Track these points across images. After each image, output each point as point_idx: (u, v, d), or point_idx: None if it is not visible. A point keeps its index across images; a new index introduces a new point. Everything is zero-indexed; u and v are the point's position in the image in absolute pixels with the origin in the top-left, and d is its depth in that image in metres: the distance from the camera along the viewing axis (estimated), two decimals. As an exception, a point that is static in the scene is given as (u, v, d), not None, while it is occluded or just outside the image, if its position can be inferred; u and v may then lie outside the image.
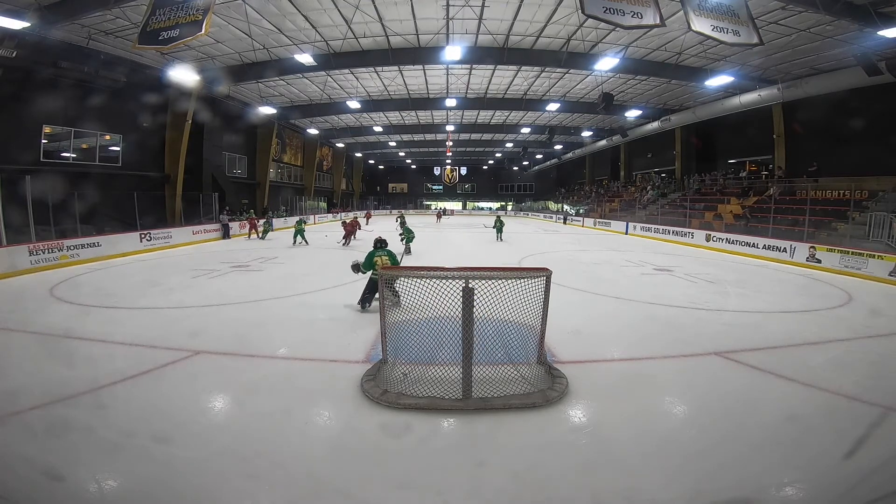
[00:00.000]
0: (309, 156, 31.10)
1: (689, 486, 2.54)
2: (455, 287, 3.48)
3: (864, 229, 11.44)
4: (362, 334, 5.10)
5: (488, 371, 3.70)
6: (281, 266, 10.63)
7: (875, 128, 13.41)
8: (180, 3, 8.36)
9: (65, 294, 7.37)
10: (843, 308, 6.93)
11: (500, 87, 19.68)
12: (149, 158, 16.49)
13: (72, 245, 10.53)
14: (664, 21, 8.47)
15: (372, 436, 3.05)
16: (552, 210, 38.10)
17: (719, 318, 6.16)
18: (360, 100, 20.97)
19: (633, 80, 17.87)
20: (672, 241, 17.50)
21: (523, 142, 33.52)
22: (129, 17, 10.89)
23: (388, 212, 44.83)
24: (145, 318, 5.90)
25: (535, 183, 49.81)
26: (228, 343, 4.83)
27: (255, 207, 24.02)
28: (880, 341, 5.30)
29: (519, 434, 3.07)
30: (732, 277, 9.44)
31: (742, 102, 16.85)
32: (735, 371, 4.25)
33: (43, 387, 3.63)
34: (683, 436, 3.10)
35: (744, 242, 13.61)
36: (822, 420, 3.34)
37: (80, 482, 2.54)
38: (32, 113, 12.45)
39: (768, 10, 10.42)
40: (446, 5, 11.50)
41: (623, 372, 4.28)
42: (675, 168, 24.38)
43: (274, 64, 15.19)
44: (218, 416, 3.45)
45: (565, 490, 2.52)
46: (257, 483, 2.52)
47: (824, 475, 2.67)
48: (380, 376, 3.79)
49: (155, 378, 3.94)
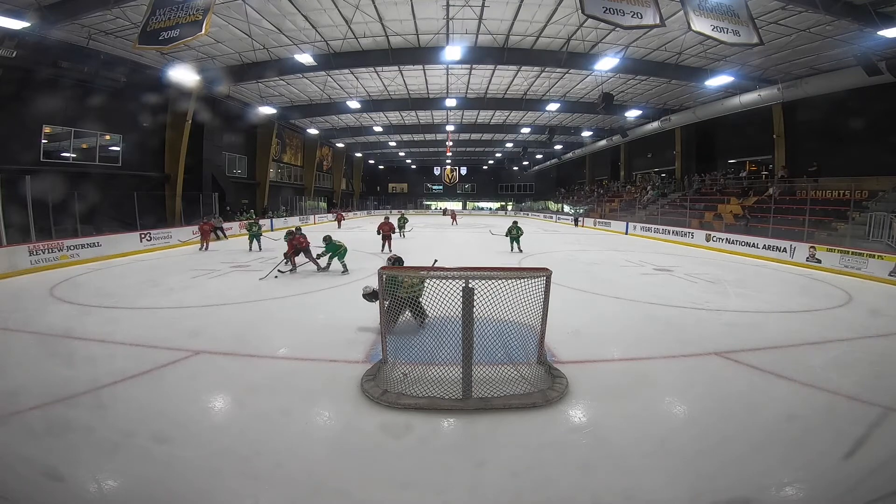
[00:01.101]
0: (309, 156, 31.12)
1: (689, 486, 2.54)
2: (455, 287, 3.48)
3: (864, 229, 11.44)
4: (362, 334, 5.09)
5: (488, 371, 3.70)
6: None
7: (875, 128, 13.41)
8: (180, 3, 8.36)
9: (65, 294, 7.37)
10: (843, 308, 6.93)
11: (500, 87, 19.68)
12: (149, 158, 16.50)
13: (72, 245, 10.54)
14: (664, 21, 8.47)
15: (372, 436, 3.04)
16: (552, 210, 38.09)
17: (719, 318, 6.16)
18: (360, 100, 20.97)
19: (633, 80, 17.87)
20: (672, 241, 17.50)
21: (523, 142, 33.53)
22: (129, 17, 10.89)
23: (388, 212, 44.80)
24: (145, 318, 5.90)
25: (535, 183, 49.80)
26: (228, 343, 4.83)
27: (255, 207, 24.06)
28: (880, 341, 5.30)
29: (519, 434, 3.07)
30: (732, 277, 9.44)
31: (742, 102, 16.85)
32: (735, 371, 4.25)
33: (43, 387, 3.63)
34: (683, 436, 3.09)
35: (744, 242, 13.61)
36: (822, 420, 3.34)
37: (80, 482, 2.55)
38: (32, 113, 12.44)
39: (768, 10, 10.42)
40: (446, 5, 11.50)
41: (623, 372, 4.28)
42: (675, 168, 24.39)
43: (274, 64, 15.19)
44: (218, 416, 3.45)
45: (565, 490, 2.52)
46: (257, 483, 2.52)
47: (824, 475, 2.67)
48: (380, 376, 3.79)
49: (155, 378, 3.94)
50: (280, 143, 27.11)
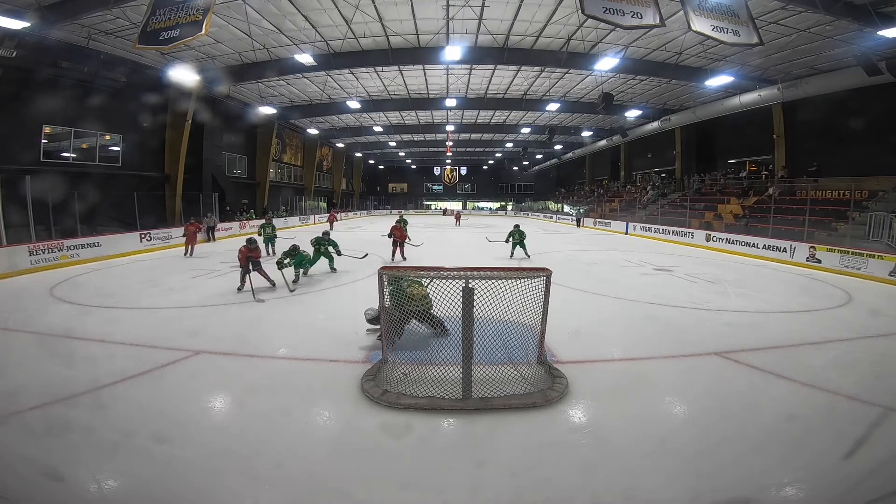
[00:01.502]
0: (309, 156, 31.10)
1: (689, 486, 2.54)
2: (455, 287, 3.48)
3: (864, 229, 11.44)
4: (362, 334, 5.09)
5: (488, 371, 3.70)
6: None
7: (875, 128, 13.40)
8: (180, 3, 8.35)
9: (65, 294, 7.37)
10: (843, 308, 6.93)
11: (500, 87, 19.67)
12: (149, 158, 16.48)
13: (72, 245, 10.54)
14: (664, 21, 8.47)
15: (372, 436, 3.05)
16: (552, 210, 38.07)
17: (719, 318, 6.16)
18: (360, 100, 20.96)
19: (633, 80, 17.86)
20: (672, 241, 17.50)
21: (523, 142, 33.51)
22: (129, 17, 10.89)
23: (388, 212, 44.79)
24: (145, 318, 5.91)
25: (535, 183, 49.77)
26: (228, 343, 4.83)
27: (255, 207, 24.05)
28: (880, 341, 5.30)
29: (519, 434, 3.08)
30: (732, 277, 9.44)
31: (742, 102, 16.84)
32: (735, 371, 4.25)
33: (43, 387, 3.63)
34: (683, 436, 3.09)
35: (744, 242, 13.60)
36: (822, 420, 3.35)
37: (80, 482, 2.55)
38: (32, 113, 12.43)
39: (768, 10, 10.42)
40: (446, 5, 11.50)
41: (623, 372, 4.28)
42: (675, 168, 24.38)
43: (274, 64, 15.18)
44: (218, 416, 3.45)
45: (565, 490, 2.52)
46: (257, 483, 2.52)
47: (824, 475, 2.68)
48: (380, 376, 3.79)
49: (155, 378, 3.94)
50: (280, 143, 27.11)
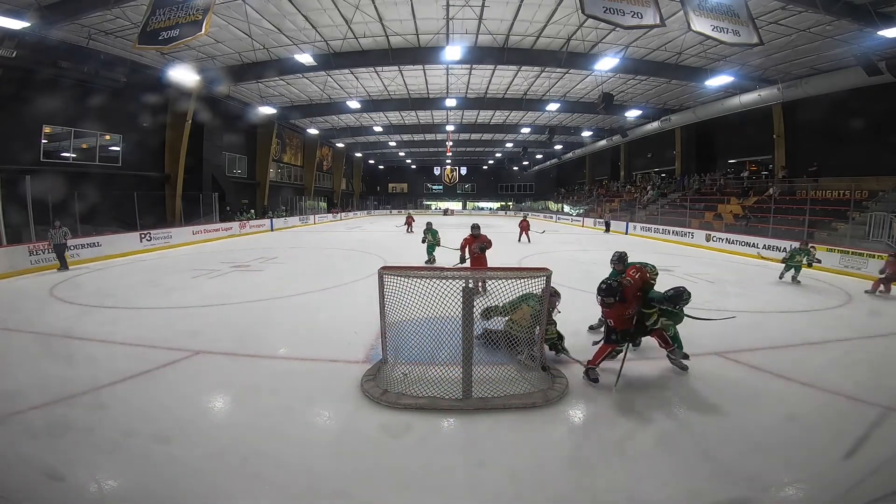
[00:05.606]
0: (309, 156, 31.11)
1: (689, 486, 2.54)
2: (455, 287, 3.48)
3: (864, 229, 11.45)
4: (362, 334, 5.09)
5: (488, 371, 3.70)
6: (281, 266, 10.63)
7: (875, 128, 13.41)
8: (180, 3, 8.36)
9: (65, 294, 7.37)
10: (843, 308, 6.92)
11: (500, 87, 19.67)
12: (149, 158, 16.49)
13: (72, 245, 10.52)
14: (664, 21, 8.47)
15: (372, 436, 3.04)
16: (552, 210, 38.06)
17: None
18: (360, 100, 20.96)
19: (633, 80, 17.87)
20: (672, 241, 17.49)
21: (523, 142, 33.52)
22: (129, 17, 10.89)
23: (388, 212, 44.72)
24: (145, 318, 5.90)
25: (534, 183, 49.79)
26: (228, 343, 4.82)
27: (255, 207, 24.04)
28: (880, 341, 5.30)
29: (519, 434, 3.07)
30: (732, 277, 9.44)
31: (742, 102, 16.85)
32: (735, 371, 4.25)
33: (43, 387, 3.63)
34: (683, 435, 3.09)
35: (744, 242, 13.60)
36: (822, 420, 3.34)
37: (80, 482, 2.55)
38: (32, 113, 12.44)
39: (768, 10, 10.42)
40: (446, 5, 11.50)
41: (623, 371, 4.27)
42: (675, 168, 24.38)
43: (274, 64, 15.19)
44: (218, 416, 3.45)
45: (565, 490, 2.52)
46: (257, 483, 2.52)
47: (824, 475, 2.67)
48: (380, 376, 3.79)
49: (155, 378, 3.94)
50: (280, 143, 27.11)
